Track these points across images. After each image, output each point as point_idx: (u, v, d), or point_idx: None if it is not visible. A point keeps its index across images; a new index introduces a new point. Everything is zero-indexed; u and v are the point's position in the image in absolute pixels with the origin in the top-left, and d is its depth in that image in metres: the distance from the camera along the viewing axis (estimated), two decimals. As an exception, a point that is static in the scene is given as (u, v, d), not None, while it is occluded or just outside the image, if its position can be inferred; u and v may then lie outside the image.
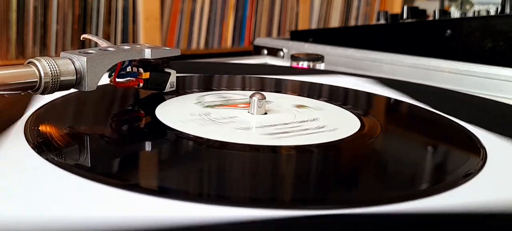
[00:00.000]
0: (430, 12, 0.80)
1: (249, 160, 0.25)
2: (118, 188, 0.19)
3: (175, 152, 0.26)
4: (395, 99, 0.40)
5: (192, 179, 0.22)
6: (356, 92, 0.42)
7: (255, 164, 0.24)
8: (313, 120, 0.31)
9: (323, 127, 0.29)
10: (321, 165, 0.25)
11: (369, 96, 0.42)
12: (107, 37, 1.07)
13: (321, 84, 0.45)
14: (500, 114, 0.38)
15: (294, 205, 0.19)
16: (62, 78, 0.26)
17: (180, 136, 0.26)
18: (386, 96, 0.42)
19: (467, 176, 0.23)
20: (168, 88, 0.35)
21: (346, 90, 0.43)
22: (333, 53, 0.63)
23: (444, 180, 0.23)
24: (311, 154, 0.25)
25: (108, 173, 0.22)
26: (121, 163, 0.23)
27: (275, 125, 0.29)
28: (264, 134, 0.27)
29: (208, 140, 0.26)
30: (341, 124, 0.30)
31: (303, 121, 0.30)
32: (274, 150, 0.25)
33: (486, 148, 0.27)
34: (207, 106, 0.32)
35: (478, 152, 0.26)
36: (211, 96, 0.36)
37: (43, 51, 1.00)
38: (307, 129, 0.29)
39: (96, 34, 1.03)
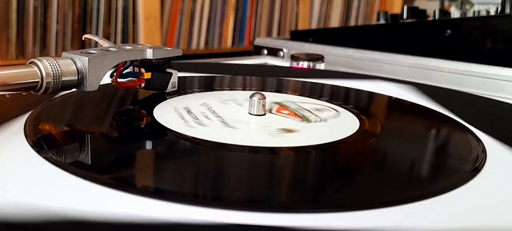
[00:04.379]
0: (430, 12, 0.80)
1: (246, 161, 0.24)
2: (112, 188, 0.19)
3: (171, 153, 0.26)
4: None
5: (186, 181, 0.22)
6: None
7: (253, 165, 0.24)
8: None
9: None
10: (319, 166, 0.25)
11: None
12: (107, 37, 1.07)
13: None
14: (501, 114, 0.38)
15: (292, 207, 0.19)
16: (63, 79, 0.26)
17: (177, 136, 0.26)
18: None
19: (470, 175, 0.23)
20: (170, 88, 0.35)
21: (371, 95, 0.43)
22: (333, 53, 0.63)
23: (445, 181, 0.23)
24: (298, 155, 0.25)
25: (103, 172, 0.22)
26: (116, 163, 0.23)
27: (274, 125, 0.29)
28: (263, 134, 0.27)
29: (206, 141, 0.25)
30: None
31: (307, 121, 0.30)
32: (272, 151, 0.25)
33: (487, 148, 0.27)
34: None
35: (479, 152, 0.27)
36: (212, 97, 0.36)
37: (43, 51, 1.00)
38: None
39: (96, 34, 1.03)
